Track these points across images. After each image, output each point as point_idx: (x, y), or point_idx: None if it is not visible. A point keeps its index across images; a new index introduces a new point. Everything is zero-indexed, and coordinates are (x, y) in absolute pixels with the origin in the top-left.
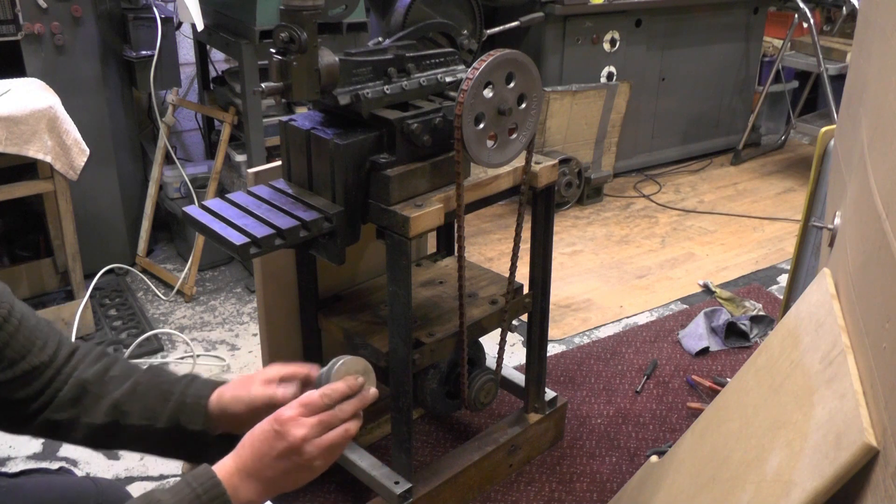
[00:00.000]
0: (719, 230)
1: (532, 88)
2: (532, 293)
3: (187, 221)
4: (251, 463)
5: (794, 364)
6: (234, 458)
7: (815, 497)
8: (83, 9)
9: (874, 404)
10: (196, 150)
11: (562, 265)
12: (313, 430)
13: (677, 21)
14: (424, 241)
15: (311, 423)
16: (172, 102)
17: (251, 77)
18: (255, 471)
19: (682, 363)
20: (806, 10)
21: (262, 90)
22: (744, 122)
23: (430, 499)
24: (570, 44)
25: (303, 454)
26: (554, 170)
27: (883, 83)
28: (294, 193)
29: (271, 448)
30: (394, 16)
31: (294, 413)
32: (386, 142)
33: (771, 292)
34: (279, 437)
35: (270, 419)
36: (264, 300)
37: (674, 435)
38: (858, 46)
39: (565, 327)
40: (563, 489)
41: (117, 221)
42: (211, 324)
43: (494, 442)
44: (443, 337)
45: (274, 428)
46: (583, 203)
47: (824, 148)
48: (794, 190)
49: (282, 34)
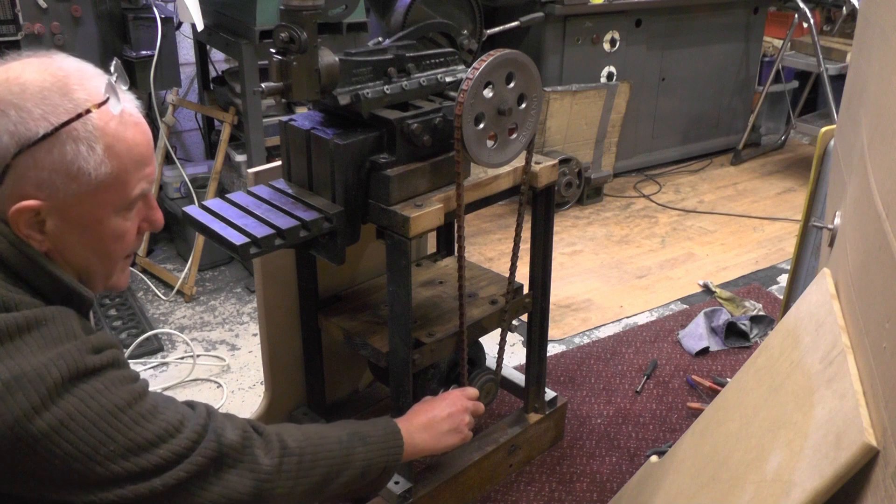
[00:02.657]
0: (719, 230)
1: (532, 88)
2: (532, 293)
3: (187, 221)
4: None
5: (794, 364)
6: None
7: (815, 497)
8: (83, 9)
9: (874, 404)
10: (196, 150)
11: (562, 265)
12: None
13: (677, 21)
14: (424, 241)
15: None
16: (172, 102)
17: (251, 77)
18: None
19: (682, 363)
20: (806, 10)
21: (262, 90)
22: (744, 122)
23: (430, 499)
24: (570, 44)
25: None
26: (554, 170)
27: (883, 83)
28: (294, 193)
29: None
30: (394, 16)
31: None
32: (386, 142)
33: (771, 292)
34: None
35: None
36: (264, 300)
37: (674, 435)
38: (858, 46)
39: (565, 327)
40: (563, 489)
41: None
42: (211, 324)
43: (494, 442)
44: (443, 337)
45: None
46: (583, 203)
47: (824, 148)
48: (794, 190)
49: (282, 34)
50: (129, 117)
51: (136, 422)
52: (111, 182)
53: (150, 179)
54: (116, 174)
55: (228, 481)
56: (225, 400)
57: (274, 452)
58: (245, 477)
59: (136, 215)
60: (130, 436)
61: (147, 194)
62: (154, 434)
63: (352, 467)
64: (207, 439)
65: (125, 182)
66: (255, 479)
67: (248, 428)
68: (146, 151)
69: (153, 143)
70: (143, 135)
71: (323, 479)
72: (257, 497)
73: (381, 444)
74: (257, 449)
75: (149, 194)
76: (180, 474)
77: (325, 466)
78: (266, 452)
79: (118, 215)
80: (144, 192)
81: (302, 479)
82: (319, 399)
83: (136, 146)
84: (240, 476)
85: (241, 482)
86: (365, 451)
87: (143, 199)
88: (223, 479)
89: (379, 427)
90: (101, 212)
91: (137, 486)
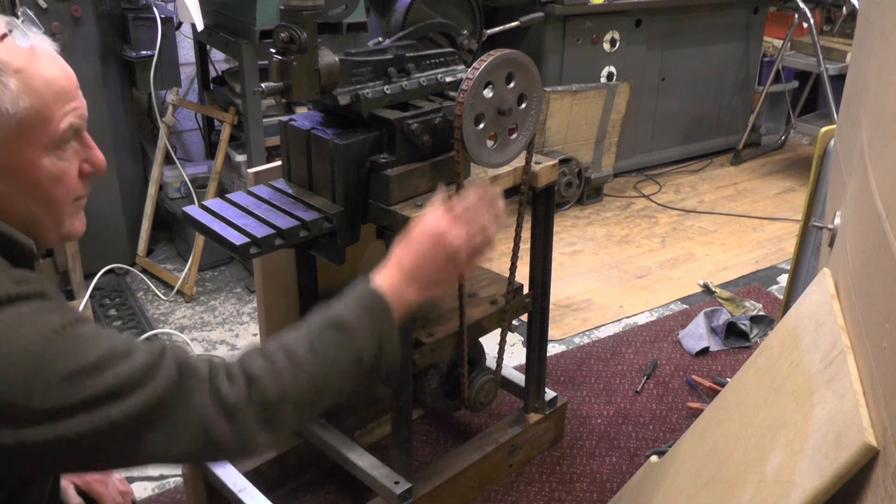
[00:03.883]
0: (719, 230)
1: (532, 88)
2: (532, 293)
3: (187, 221)
4: (413, 270)
5: (794, 364)
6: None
7: (815, 497)
8: (83, 9)
9: (874, 404)
10: (196, 150)
11: (562, 265)
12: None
13: (677, 21)
14: None
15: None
16: (172, 102)
17: (251, 77)
18: (416, 276)
19: (682, 363)
20: (806, 10)
21: (262, 90)
22: (744, 122)
23: (430, 499)
24: (570, 44)
25: (458, 259)
26: (554, 170)
27: (883, 83)
28: (294, 193)
29: (434, 256)
30: (394, 16)
31: (448, 226)
32: (386, 142)
33: (771, 292)
34: (441, 247)
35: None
36: (264, 300)
37: (674, 435)
38: (858, 46)
39: (565, 327)
40: (563, 489)
41: (117, 221)
42: (211, 324)
43: (494, 442)
44: (443, 337)
45: (433, 240)
46: (583, 203)
47: (824, 148)
48: (794, 190)
49: (282, 34)
50: (44, 53)
51: (73, 345)
52: (33, 118)
53: (80, 115)
54: (37, 109)
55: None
56: None
57: (239, 383)
58: (213, 407)
59: (73, 156)
60: (69, 359)
61: (81, 133)
62: (97, 357)
63: (338, 366)
64: (167, 363)
65: (48, 117)
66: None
67: (214, 361)
68: (67, 85)
69: (76, 80)
70: (62, 70)
71: (309, 396)
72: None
73: (364, 324)
74: (221, 380)
75: (83, 134)
76: (138, 401)
77: (304, 383)
78: (231, 384)
79: (50, 154)
80: (75, 128)
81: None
82: None
83: (55, 80)
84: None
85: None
86: (346, 341)
87: (78, 140)
88: (191, 409)
89: (355, 304)
90: (30, 152)
91: (92, 417)
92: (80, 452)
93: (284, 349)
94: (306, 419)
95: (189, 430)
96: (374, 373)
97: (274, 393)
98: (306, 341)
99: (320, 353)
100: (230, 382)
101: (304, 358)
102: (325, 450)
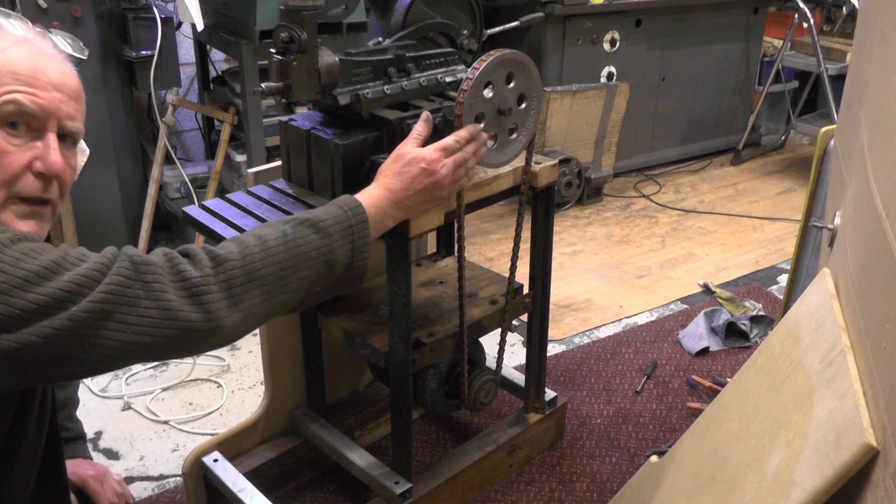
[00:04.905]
0: (719, 230)
1: (532, 88)
2: (532, 293)
3: (187, 221)
4: (401, 193)
5: (794, 364)
6: (383, 189)
7: (815, 497)
8: (83, 9)
9: (874, 404)
10: (196, 150)
11: (562, 265)
12: (451, 167)
13: (677, 21)
14: (424, 241)
15: (449, 163)
16: (172, 102)
17: (251, 77)
18: (401, 199)
19: (682, 363)
20: (806, 10)
21: (262, 90)
22: (744, 122)
23: (430, 499)
24: (570, 44)
25: (442, 188)
26: (554, 170)
27: (883, 83)
28: (294, 193)
29: (421, 183)
30: (394, 16)
31: (438, 155)
32: (386, 142)
33: (771, 292)
34: (428, 174)
35: (417, 158)
36: None
37: (674, 435)
38: (858, 46)
39: (565, 327)
40: (563, 489)
41: (117, 221)
42: None
43: (494, 442)
44: (443, 337)
45: (422, 167)
46: (583, 203)
47: (824, 148)
48: (794, 190)
49: (282, 34)
50: (32, 46)
51: (25, 254)
52: None
53: (35, 101)
54: None
55: (157, 298)
56: (225, 400)
57: (203, 263)
58: (175, 291)
59: (24, 146)
60: (23, 265)
61: (42, 129)
62: (50, 261)
63: (308, 259)
64: (120, 259)
65: None
66: (188, 292)
67: (171, 251)
68: (33, 74)
69: (62, 81)
70: (38, 64)
71: (276, 281)
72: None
73: (339, 224)
74: (182, 265)
75: (47, 132)
76: (97, 297)
77: (272, 265)
78: (194, 266)
79: None
80: (18, 105)
81: (248, 287)
82: (319, 399)
83: (18, 64)
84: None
85: (173, 298)
86: (320, 239)
87: (38, 134)
88: (152, 296)
89: (333, 207)
90: None
91: (54, 320)
92: (48, 359)
93: (255, 233)
94: (274, 309)
95: (153, 316)
96: (340, 282)
97: (240, 270)
98: (279, 230)
99: (292, 243)
100: (192, 263)
101: (275, 243)
102: (325, 450)
